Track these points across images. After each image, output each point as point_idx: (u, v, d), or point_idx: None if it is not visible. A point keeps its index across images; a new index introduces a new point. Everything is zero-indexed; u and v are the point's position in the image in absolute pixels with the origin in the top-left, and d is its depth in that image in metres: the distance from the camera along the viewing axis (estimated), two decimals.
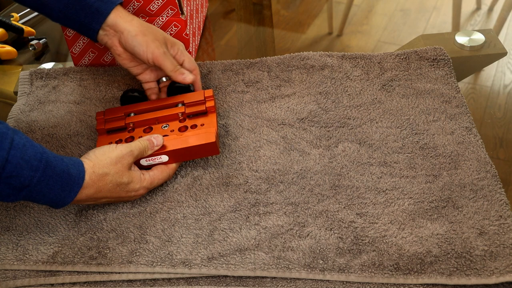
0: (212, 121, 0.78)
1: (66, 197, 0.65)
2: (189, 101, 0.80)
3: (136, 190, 0.71)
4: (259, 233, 0.68)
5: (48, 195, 0.64)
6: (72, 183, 0.65)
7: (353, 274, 0.63)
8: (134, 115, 0.82)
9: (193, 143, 0.74)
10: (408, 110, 0.83)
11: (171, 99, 0.82)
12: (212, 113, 0.80)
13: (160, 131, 0.79)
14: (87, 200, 0.68)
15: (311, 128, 0.81)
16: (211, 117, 0.79)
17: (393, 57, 0.91)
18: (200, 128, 0.78)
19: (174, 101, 0.82)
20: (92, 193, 0.67)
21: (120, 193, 0.70)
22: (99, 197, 0.69)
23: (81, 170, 0.66)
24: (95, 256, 0.68)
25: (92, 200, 0.69)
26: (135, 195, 0.72)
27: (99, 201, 0.70)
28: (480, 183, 0.72)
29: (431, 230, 0.67)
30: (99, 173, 0.67)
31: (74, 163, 0.66)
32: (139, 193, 0.72)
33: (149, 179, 0.72)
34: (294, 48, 1.06)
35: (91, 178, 0.66)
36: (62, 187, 0.64)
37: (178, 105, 0.81)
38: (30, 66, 1.02)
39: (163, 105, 0.82)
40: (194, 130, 0.78)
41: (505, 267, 0.62)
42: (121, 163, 0.69)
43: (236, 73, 0.91)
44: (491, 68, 0.97)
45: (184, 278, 0.66)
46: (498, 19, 1.13)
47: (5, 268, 0.68)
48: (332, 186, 0.73)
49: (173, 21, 0.93)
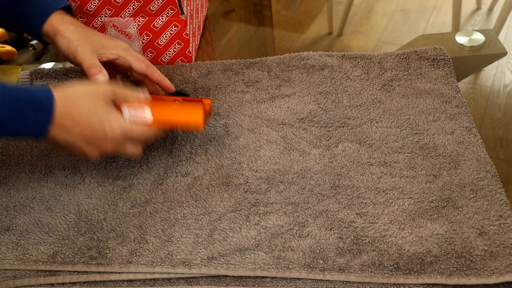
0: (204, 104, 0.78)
1: (43, 123, 0.64)
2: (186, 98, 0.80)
3: (113, 130, 0.68)
4: (259, 233, 0.68)
5: (24, 126, 0.64)
6: (44, 106, 0.64)
7: (353, 274, 0.64)
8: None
9: (179, 118, 0.74)
10: (408, 110, 0.83)
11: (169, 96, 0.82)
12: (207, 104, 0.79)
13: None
14: (63, 134, 0.66)
15: (311, 128, 0.81)
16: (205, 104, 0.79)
17: (393, 57, 0.91)
18: (189, 105, 0.77)
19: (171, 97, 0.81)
20: (67, 122, 0.66)
21: (95, 125, 0.67)
22: (77, 131, 0.67)
23: (48, 93, 0.65)
24: (95, 256, 0.68)
25: (68, 133, 0.67)
26: (112, 137, 0.68)
27: (75, 139, 0.67)
28: (480, 183, 0.72)
29: (431, 230, 0.67)
30: (71, 97, 0.66)
31: (41, 90, 0.66)
32: (116, 135, 0.68)
33: (129, 125, 0.69)
34: (294, 48, 1.06)
35: (62, 102, 0.66)
36: (36, 114, 0.64)
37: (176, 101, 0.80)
38: (30, 66, 1.02)
39: (160, 97, 0.81)
40: (183, 104, 0.77)
41: (505, 267, 0.62)
42: (97, 93, 0.68)
43: (236, 73, 0.91)
44: (491, 68, 0.97)
45: (184, 278, 0.66)
46: (498, 19, 1.13)
47: (5, 268, 0.68)
48: (332, 186, 0.73)
49: (173, 21, 0.93)
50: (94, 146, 0.69)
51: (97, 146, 0.69)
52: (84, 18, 0.94)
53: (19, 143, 0.83)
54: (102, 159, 0.79)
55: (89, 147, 0.69)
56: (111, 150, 0.70)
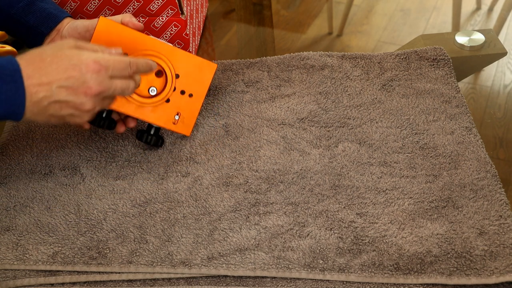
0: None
1: (16, 90, 0.61)
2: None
3: (87, 64, 0.63)
4: (259, 233, 0.68)
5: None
6: (7, 69, 0.61)
7: (353, 274, 0.64)
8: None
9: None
10: (408, 110, 0.83)
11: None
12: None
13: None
14: (37, 90, 0.62)
15: (311, 128, 0.81)
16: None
17: (393, 57, 0.91)
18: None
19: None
20: (37, 76, 0.62)
21: (65, 65, 0.63)
22: (50, 80, 0.62)
23: (9, 58, 0.62)
24: (95, 256, 0.68)
25: (41, 87, 0.62)
26: (90, 71, 0.63)
27: (53, 89, 0.62)
28: (480, 183, 0.72)
29: (431, 230, 0.67)
30: (33, 53, 0.63)
31: (1, 58, 0.63)
32: (93, 68, 0.64)
33: (102, 55, 0.65)
34: (294, 48, 1.06)
35: (25, 59, 0.62)
36: (2, 80, 0.60)
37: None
38: None
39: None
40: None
41: (505, 267, 0.62)
42: (60, 43, 0.64)
43: (236, 73, 0.91)
44: (491, 68, 0.97)
45: (184, 278, 0.66)
46: (498, 19, 1.13)
47: (5, 268, 0.68)
48: (332, 186, 0.73)
49: (173, 21, 0.93)
50: (78, 93, 0.64)
51: (81, 90, 0.64)
52: (84, 18, 0.94)
53: (19, 143, 0.83)
54: (102, 159, 0.79)
55: (74, 95, 0.64)
56: (98, 90, 0.64)
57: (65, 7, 0.93)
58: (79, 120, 0.67)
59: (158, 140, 0.79)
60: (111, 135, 0.83)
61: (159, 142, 0.79)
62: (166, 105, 0.78)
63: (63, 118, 0.66)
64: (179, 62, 0.78)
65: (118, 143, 0.82)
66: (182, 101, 0.79)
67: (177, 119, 0.78)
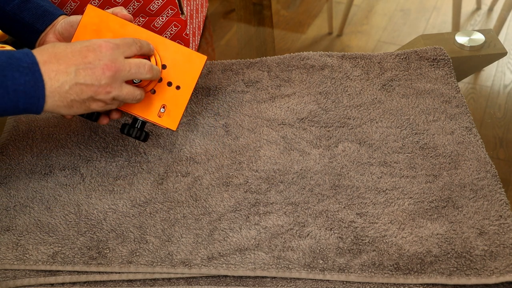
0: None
1: (35, 82, 0.62)
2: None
3: (99, 43, 0.66)
4: (259, 233, 0.68)
5: (14, 85, 0.61)
6: (25, 63, 0.62)
7: (353, 274, 0.64)
8: None
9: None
10: (408, 110, 0.83)
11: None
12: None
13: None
14: (55, 77, 0.63)
15: (311, 128, 0.81)
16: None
17: (393, 57, 0.91)
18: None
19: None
20: (54, 63, 0.63)
21: (79, 48, 0.65)
22: (68, 64, 0.64)
23: (25, 50, 0.63)
24: (95, 256, 0.68)
25: (64, 73, 0.63)
26: (103, 47, 0.66)
27: (70, 72, 0.64)
28: (480, 183, 0.72)
29: (431, 230, 0.67)
30: (46, 46, 0.65)
31: (17, 51, 0.64)
32: (106, 44, 0.66)
33: (113, 39, 0.68)
34: (294, 48, 1.06)
35: (39, 50, 0.64)
36: (20, 72, 0.61)
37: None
38: None
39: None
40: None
41: (505, 267, 0.62)
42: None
43: (236, 73, 0.91)
44: (491, 68, 0.97)
45: (184, 278, 0.66)
46: (498, 19, 1.13)
47: (5, 268, 0.68)
48: (332, 186, 0.73)
49: (173, 21, 0.93)
50: (96, 72, 0.65)
51: (99, 69, 0.65)
52: None
53: (19, 143, 0.83)
54: (102, 159, 0.79)
55: (93, 75, 0.65)
56: (115, 67, 0.66)
57: (65, 7, 0.93)
58: (101, 104, 0.67)
59: (142, 133, 0.75)
60: (111, 135, 0.83)
61: (142, 135, 0.75)
62: (151, 96, 0.75)
63: (85, 103, 0.66)
64: (166, 52, 0.75)
65: (118, 143, 0.82)
66: (169, 93, 0.76)
67: (163, 112, 0.75)
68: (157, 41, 0.75)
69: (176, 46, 0.76)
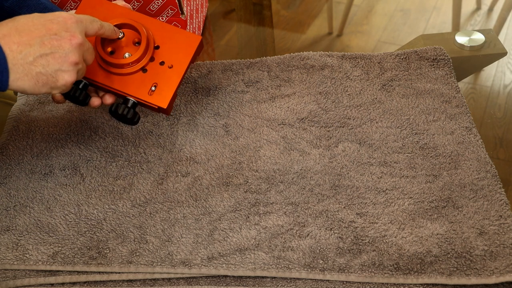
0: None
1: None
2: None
3: (62, 14, 0.64)
4: (259, 233, 0.68)
5: None
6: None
7: (353, 274, 0.64)
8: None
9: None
10: (408, 110, 0.83)
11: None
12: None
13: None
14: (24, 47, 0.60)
15: (311, 128, 0.81)
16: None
17: (393, 57, 0.91)
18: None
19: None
20: (16, 36, 0.60)
21: (42, 21, 0.62)
22: (31, 36, 0.61)
23: None
24: (95, 256, 0.68)
25: (27, 44, 0.60)
26: (68, 18, 0.64)
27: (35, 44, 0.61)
28: (480, 183, 0.72)
29: (431, 230, 0.67)
30: (6, 20, 0.62)
31: None
32: (70, 16, 0.64)
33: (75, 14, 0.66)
34: (294, 48, 1.06)
35: (0, 25, 0.60)
36: None
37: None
38: None
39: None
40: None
41: (505, 267, 0.62)
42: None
43: (236, 73, 0.91)
44: (491, 68, 0.97)
45: (184, 278, 0.66)
46: (498, 19, 1.13)
47: (5, 268, 0.68)
48: (332, 186, 0.73)
49: (173, 21, 0.93)
50: (62, 42, 0.63)
51: (66, 39, 0.63)
52: None
53: (19, 143, 0.83)
54: (102, 159, 0.80)
55: (59, 46, 0.63)
56: (81, 38, 0.64)
57: (65, 7, 0.94)
58: (67, 77, 0.64)
59: (130, 112, 0.74)
60: (111, 135, 0.83)
61: (130, 113, 0.74)
62: (143, 75, 0.75)
63: (52, 76, 0.63)
64: (160, 33, 0.75)
65: (118, 143, 0.82)
66: (161, 72, 0.75)
67: (153, 91, 0.75)
68: (151, 23, 0.76)
69: (171, 27, 0.76)
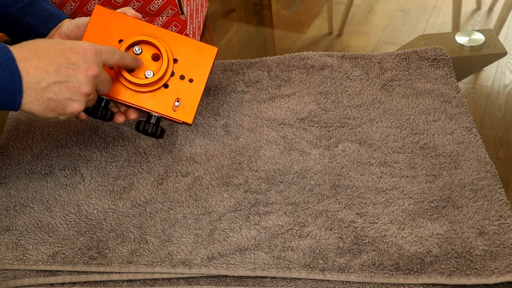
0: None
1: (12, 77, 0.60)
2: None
3: (81, 44, 0.65)
4: (259, 233, 0.68)
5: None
6: (2, 59, 0.60)
7: (353, 274, 0.64)
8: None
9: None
10: (408, 110, 0.83)
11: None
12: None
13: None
14: (40, 72, 0.62)
15: (311, 128, 0.81)
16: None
17: (393, 57, 0.91)
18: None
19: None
20: (35, 60, 0.61)
21: (61, 47, 0.64)
22: (49, 63, 0.62)
23: (1, 45, 0.61)
24: (95, 256, 0.68)
25: (43, 70, 0.62)
26: (85, 47, 0.65)
27: (50, 70, 0.62)
28: (480, 183, 0.72)
29: (431, 230, 0.67)
30: (28, 42, 0.63)
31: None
32: (88, 46, 0.65)
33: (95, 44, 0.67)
34: (294, 48, 1.06)
35: (19, 46, 0.62)
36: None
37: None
38: None
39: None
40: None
41: (505, 267, 0.62)
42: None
43: (236, 73, 0.91)
44: (491, 68, 0.97)
45: (184, 278, 0.66)
46: (498, 19, 1.14)
47: (5, 268, 0.68)
48: (332, 186, 0.73)
49: (173, 21, 0.93)
50: (78, 73, 0.64)
51: (81, 70, 0.64)
52: None
53: (19, 143, 0.83)
54: (102, 159, 0.80)
55: (74, 76, 0.64)
56: (97, 70, 0.65)
57: (65, 7, 0.94)
58: (77, 106, 0.66)
59: (157, 129, 0.75)
60: (111, 135, 0.83)
61: (158, 130, 0.74)
62: (165, 90, 0.75)
63: (62, 103, 0.65)
64: (177, 46, 0.75)
65: (118, 143, 0.82)
66: (182, 87, 0.75)
67: (177, 106, 0.75)
68: (167, 35, 0.75)
69: (186, 39, 0.76)
